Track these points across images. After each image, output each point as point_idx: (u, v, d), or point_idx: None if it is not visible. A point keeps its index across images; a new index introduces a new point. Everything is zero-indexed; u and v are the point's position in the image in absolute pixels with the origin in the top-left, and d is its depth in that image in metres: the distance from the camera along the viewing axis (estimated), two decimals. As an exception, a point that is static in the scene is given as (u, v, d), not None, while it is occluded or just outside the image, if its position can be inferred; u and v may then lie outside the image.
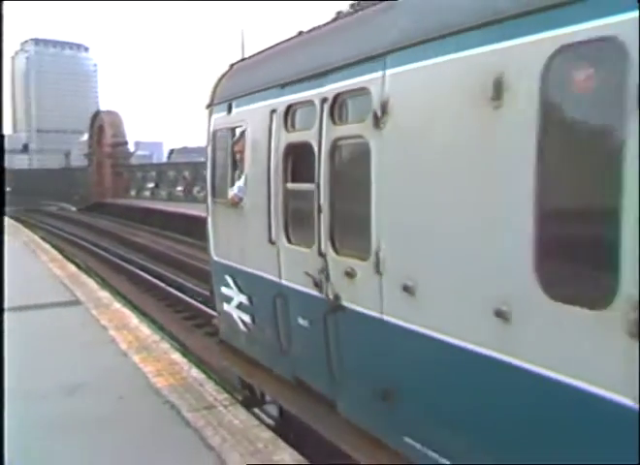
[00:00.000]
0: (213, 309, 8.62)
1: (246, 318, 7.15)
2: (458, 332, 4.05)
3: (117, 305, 12.25)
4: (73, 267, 17.54)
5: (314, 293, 5.58)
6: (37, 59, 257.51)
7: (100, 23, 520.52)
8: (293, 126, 6.12)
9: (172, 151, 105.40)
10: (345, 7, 6.03)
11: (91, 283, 14.92)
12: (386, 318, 4.71)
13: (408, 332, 4.49)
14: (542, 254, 3.41)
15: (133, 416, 6.63)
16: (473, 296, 3.94)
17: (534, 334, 3.51)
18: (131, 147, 64.34)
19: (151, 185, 52.19)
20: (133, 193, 54.23)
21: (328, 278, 5.42)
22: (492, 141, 3.79)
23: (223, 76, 7.97)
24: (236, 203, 7.07)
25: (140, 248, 27.68)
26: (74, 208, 57.18)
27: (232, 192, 7.14)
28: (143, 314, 14.79)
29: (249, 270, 6.94)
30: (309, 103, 5.70)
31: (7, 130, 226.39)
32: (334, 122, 5.37)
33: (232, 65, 7.97)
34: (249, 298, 7.04)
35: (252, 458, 5.54)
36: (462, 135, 4.04)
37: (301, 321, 5.93)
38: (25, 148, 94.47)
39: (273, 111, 6.30)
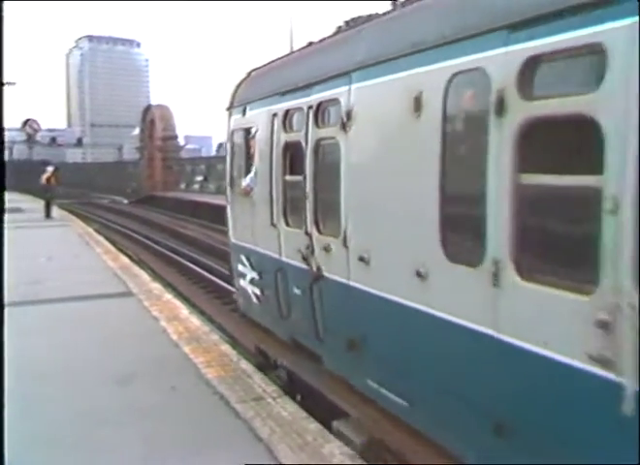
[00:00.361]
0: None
1: (257, 291, 8.47)
2: (395, 291, 5.26)
3: (168, 297, 12.45)
4: (125, 259, 17.87)
5: (303, 266, 6.82)
6: (91, 55, 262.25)
7: (151, 19, 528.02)
8: (290, 128, 7.29)
9: (220, 145, 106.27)
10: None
11: (143, 275, 15.18)
12: (352, 283, 5.91)
13: (365, 294, 5.69)
14: (444, 231, 4.63)
15: (185, 406, 6.74)
16: (403, 263, 5.09)
17: (443, 290, 4.70)
18: (181, 141, 65.06)
19: (200, 178, 52.65)
20: (182, 186, 54.85)
21: (312, 253, 6.64)
22: (414, 144, 4.97)
23: (241, 82, 9.21)
24: (247, 193, 8.32)
25: (189, 240, 28.03)
26: (125, 201, 58.11)
27: (244, 183, 8.40)
28: (192, 305, 15.03)
29: (258, 250, 8.19)
30: (300, 109, 6.92)
31: (61, 124, 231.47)
32: (317, 126, 6.59)
33: (249, 72, 9.17)
34: (259, 274, 8.31)
35: (300, 450, 5.59)
36: (398, 137, 5.22)
37: (295, 290, 7.17)
38: (79, 142, 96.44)
39: (275, 115, 7.53)
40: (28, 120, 55.33)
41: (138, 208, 49.16)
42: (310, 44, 7.67)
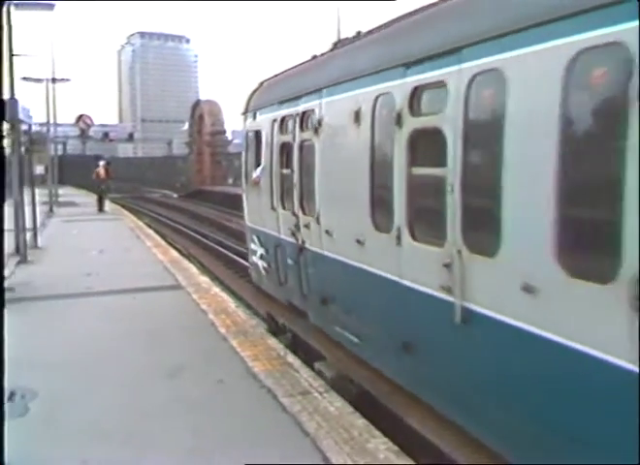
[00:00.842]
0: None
1: (265, 264, 10.31)
2: (347, 254, 6.97)
3: (216, 290, 12.55)
4: (175, 253, 18.10)
5: (293, 241, 8.61)
6: (142, 52, 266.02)
7: (201, 14, 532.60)
8: (285, 131, 8.96)
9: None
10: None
11: (192, 268, 15.34)
12: (325, 253, 7.60)
13: (331, 259, 7.43)
14: (373, 209, 6.36)
15: (232, 399, 6.77)
16: (349, 234, 6.79)
17: (372, 252, 6.41)
18: (229, 136, 65.54)
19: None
20: (230, 181, 55.26)
21: (299, 230, 8.37)
22: (357, 146, 6.70)
23: (254, 91, 10.90)
24: (257, 183, 10.09)
25: (237, 235, 28.20)
26: (175, 195, 58.86)
27: (254, 175, 10.17)
28: (239, 299, 15.11)
29: (264, 230, 10.05)
30: (292, 116, 8.60)
31: (113, 120, 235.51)
32: (302, 129, 8.26)
33: (261, 83, 10.84)
34: (266, 250, 10.11)
35: (346, 445, 5.55)
36: (347, 141, 7.00)
37: (289, 261, 8.94)
38: (130, 137, 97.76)
39: (275, 120, 9.27)
40: (82, 116, 56.56)
41: (187, 202, 49.75)
42: (314, 57, 9.15)
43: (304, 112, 8.16)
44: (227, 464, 5.31)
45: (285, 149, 8.92)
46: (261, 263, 10.53)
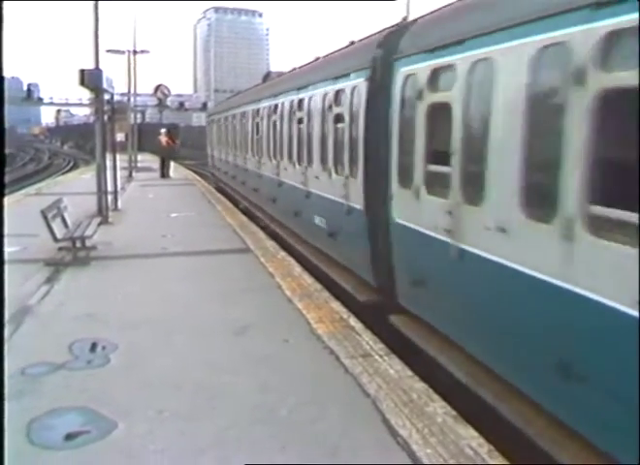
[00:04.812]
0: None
1: None
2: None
3: (282, 254, 12.60)
4: (243, 217, 18.24)
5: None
6: (216, 25, 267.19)
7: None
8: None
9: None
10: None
11: (259, 232, 15.43)
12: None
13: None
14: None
15: (296, 358, 6.80)
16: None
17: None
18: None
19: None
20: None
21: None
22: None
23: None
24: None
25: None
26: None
27: None
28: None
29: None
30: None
31: (188, 90, 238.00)
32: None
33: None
34: None
35: (405, 408, 5.51)
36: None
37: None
38: (204, 107, 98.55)
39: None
40: (159, 86, 57.10)
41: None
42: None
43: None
44: (291, 422, 5.35)
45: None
46: None
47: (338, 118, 10.31)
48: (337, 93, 10.29)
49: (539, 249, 4.96)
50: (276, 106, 15.40)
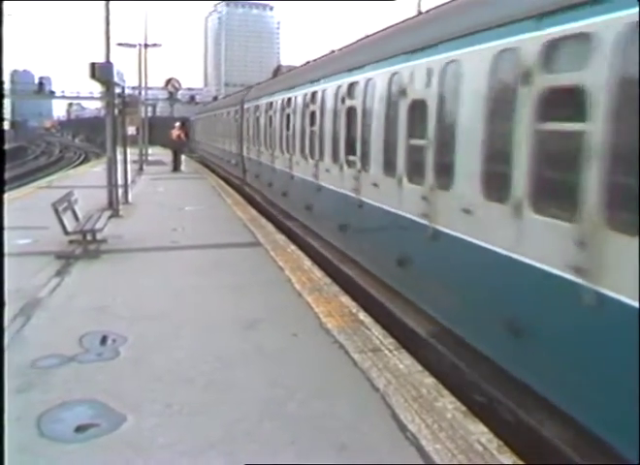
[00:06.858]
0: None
1: None
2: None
3: (292, 247, 12.58)
4: (253, 211, 18.23)
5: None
6: (227, 19, 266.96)
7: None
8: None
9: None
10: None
11: (269, 225, 15.41)
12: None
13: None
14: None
15: (305, 352, 6.79)
16: None
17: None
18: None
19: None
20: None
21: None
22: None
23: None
24: None
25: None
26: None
27: None
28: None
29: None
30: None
31: (199, 83, 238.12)
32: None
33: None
34: None
35: (415, 403, 5.48)
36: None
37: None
38: (215, 100, 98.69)
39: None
40: (170, 79, 57.08)
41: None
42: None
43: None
44: (300, 416, 5.33)
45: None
46: None
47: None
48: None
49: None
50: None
